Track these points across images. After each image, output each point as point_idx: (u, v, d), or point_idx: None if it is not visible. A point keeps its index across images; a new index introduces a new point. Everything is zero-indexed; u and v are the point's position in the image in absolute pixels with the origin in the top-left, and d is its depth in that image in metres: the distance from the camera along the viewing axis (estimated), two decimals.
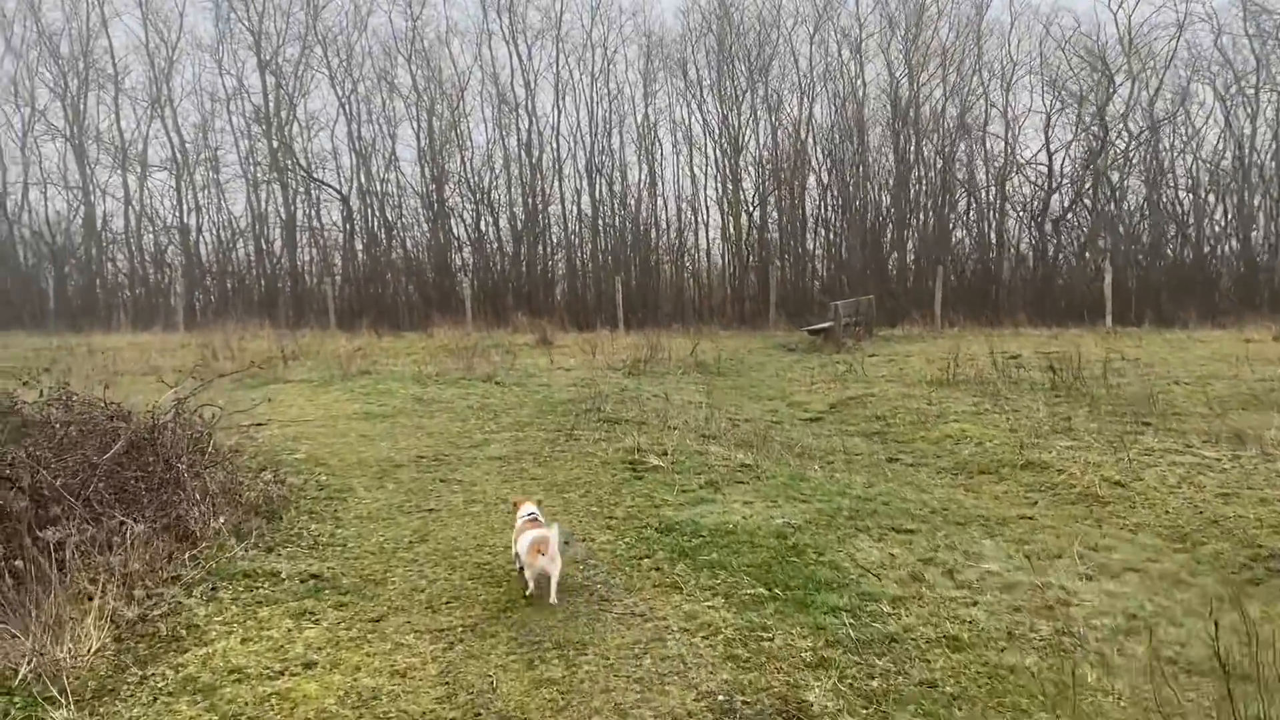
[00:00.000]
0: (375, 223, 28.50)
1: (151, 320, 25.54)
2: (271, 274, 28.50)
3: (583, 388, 12.20)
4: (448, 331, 22.61)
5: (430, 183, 28.39)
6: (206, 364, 15.90)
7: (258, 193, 28.59)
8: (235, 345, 19.00)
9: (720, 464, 7.67)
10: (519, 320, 24.00)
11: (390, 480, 7.24)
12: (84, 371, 15.47)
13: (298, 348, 18.58)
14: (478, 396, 11.22)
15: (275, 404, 10.82)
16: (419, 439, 8.76)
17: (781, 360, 16.66)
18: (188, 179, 28.43)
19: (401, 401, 10.85)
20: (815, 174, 27.63)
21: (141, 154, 28.42)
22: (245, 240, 29.23)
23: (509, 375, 13.19)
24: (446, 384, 12.21)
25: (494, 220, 28.59)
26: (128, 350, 18.95)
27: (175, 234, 28.51)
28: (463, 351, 18.76)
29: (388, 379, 12.65)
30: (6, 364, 15.95)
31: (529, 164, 28.33)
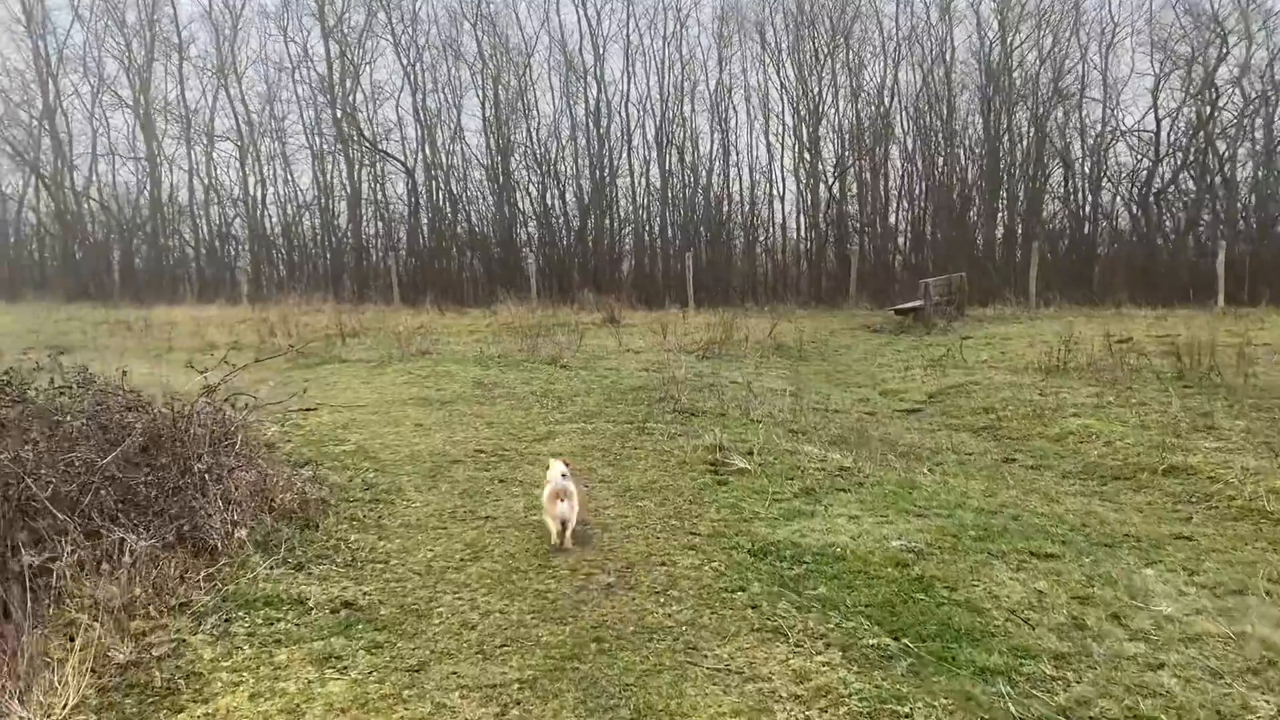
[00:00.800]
0: (440, 196, 27.99)
1: (216, 293, 25.45)
2: (336, 248, 28.23)
3: (654, 372, 11.34)
4: (512, 308, 21.95)
5: (495, 154, 27.73)
6: (263, 340, 15.49)
7: (323, 165, 28.30)
8: (295, 321, 18.62)
9: (815, 467, 6.73)
10: (585, 297, 23.23)
11: (444, 479, 6.49)
12: (132, 348, 15.19)
13: (358, 324, 18.11)
14: (542, 381, 10.44)
15: (329, 386, 10.21)
16: (478, 429, 8.01)
17: (868, 342, 15.56)
18: (253, 150, 28.26)
19: (461, 386, 10.12)
20: (899, 143, 26.19)
21: (207, 125, 28.35)
22: (311, 214, 29.03)
23: (575, 358, 12.40)
24: (509, 367, 11.46)
25: (560, 193, 27.84)
26: (186, 324, 18.71)
27: (241, 206, 28.41)
28: (527, 330, 18.07)
29: (448, 360, 11.96)
30: (62, 337, 15.80)
31: (597, 134, 27.45)
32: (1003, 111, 25.63)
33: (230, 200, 28.89)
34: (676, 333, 15.12)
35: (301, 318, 20.04)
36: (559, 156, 27.82)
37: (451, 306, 22.82)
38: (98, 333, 16.45)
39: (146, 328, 16.18)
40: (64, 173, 27.11)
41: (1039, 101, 25.52)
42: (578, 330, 17.85)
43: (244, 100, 28.30)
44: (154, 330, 16.37)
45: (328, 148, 28.07)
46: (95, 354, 14.74)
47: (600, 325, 18.92)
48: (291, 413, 8.59)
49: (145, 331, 15.84)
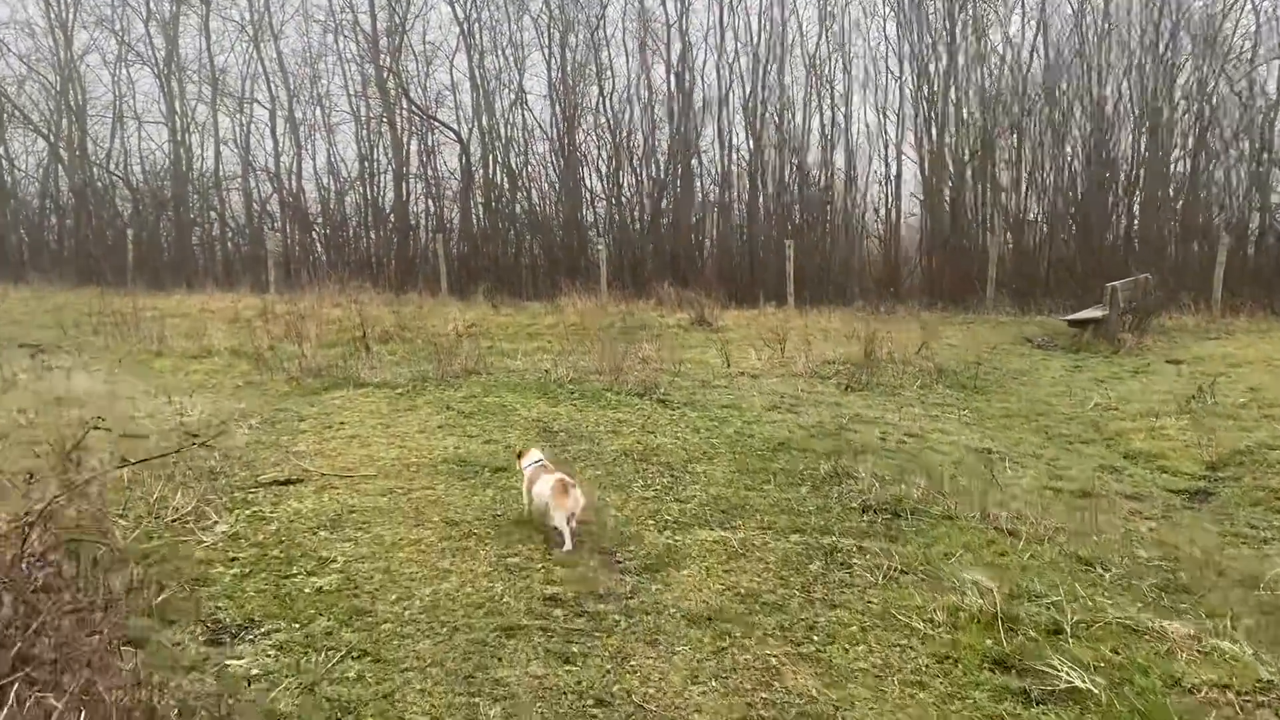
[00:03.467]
0: (496, 171, 25.11)
1: (243, 277, 22.95)
2: (380, 228, 25.56)
3: (791, 412, 8.24)
4: (579, 303, 18.98)
5: (561, 124, 24.75)
6: (274, 344, 12.73)
7: (367, 135, 25.63)
8: (322, 317, 15.87)
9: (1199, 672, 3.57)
10: (663, 291, 20.14)
11: (492, 689, 3.47)
12: (114, 349, 12.54)
13: (396, 321, 15.28)
14: (635, 429, 7.40)
15: (332, 429, 7.31)
16: (548, 538, 5.00)
17: (1047, 365, 12.21)
18: (289, 118, 25.70)
19: (520, 434, 7.14)
20: (1042, 116, 22.49)
21: (240, 89, 25.85)
22: (354, 189, 26.41)
23: (673, 383, 9.34)
24: (585, 399, 8.45)
25: (634, 169, 24.75)
26: (195, 317, 16.09)
27: (274, 180, 25.89)
28: (600, 333, 15.07)
29: (502, 386, 9.00)
30: (42, 331, 13.30)
31: (678, 100, 24.28)
32: (1175, 78, 21.83)
33: (266, 174, 26.42)
34: (798, 346, 11.93)
35: (331, 311, 17.34)
36: (634, 126, 24.74)
37: (508, 299, 19.94)
38: (84, 327, 13.88)
39: (138, 323, 13.54)
40: (80, 140, 24.89)
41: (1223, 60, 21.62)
42: (662, 334, 14.83)
43: (280, 62, 25.77)
44: (151, 325, 13.74)
45: (372, 114, 25.38)
46: (67, 355, 12.17)
47: (688, 328, 15.85)
48: (260, 486, 5.69)
49: (138, 327, 13.22)
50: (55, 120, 25.46)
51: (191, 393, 9.28)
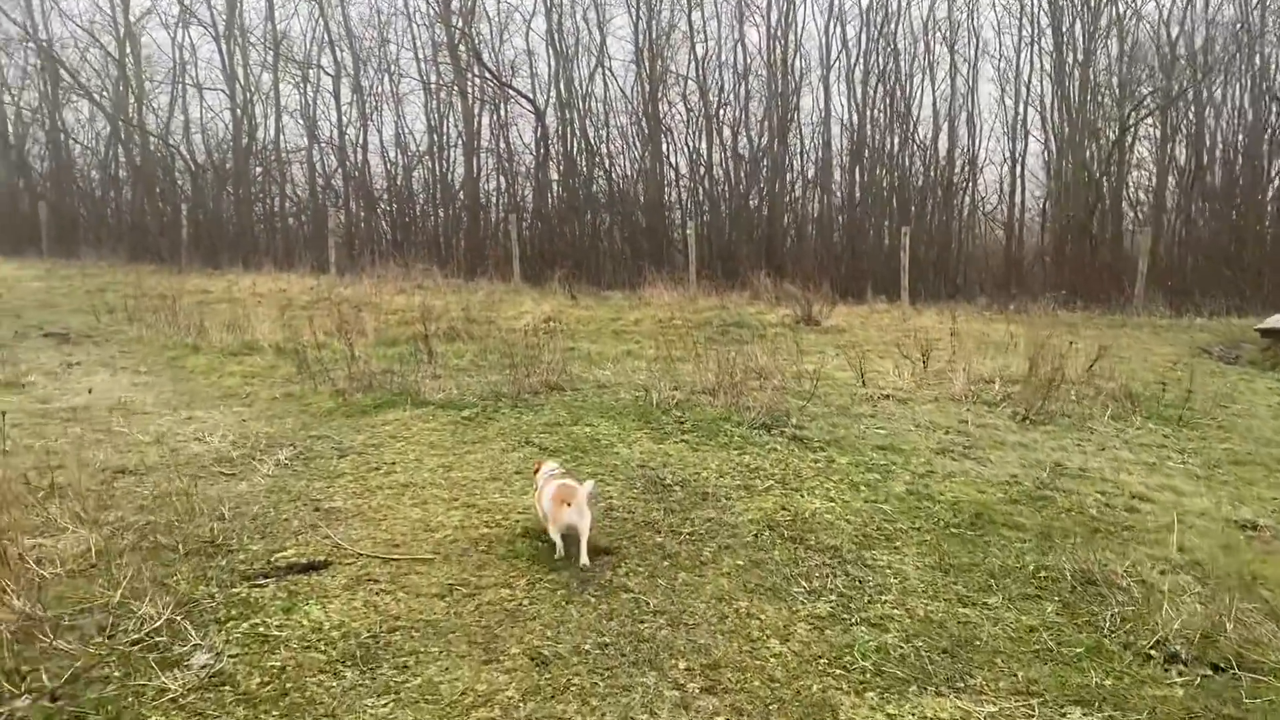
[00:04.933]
0: (574, 145, 23.49)
1: (304, 256, 21.74)
2: (448, 206, 24.17)
3: (970, 459, 6.42)
4: (664, 294, 17.28)
5: (645, 94, 22.98)
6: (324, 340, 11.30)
7: (436, 105, 24.22)
8: (383, 305, 14.46)
9: None
10: (759, 282, 18.31)
11: None
12: (146, 341, 11.22)
13: (463, 313, 13.77)
14: (774, 484, 5.66)
15: (378, 473, 5.74)
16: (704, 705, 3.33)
17: (1251, 386, 10.13)
18: (355, 86, 24.42)
19: (622, 489, 5.48)
20: (1206, 88, 19.98)
21: (305, 55, 24.63)
22: (421, 164, 25.06)
23: (805, 410, 7.56)
24: (699, 433, 6.74)
25: (724, 144, 22.89)
26: (244, 302, 14.80)
27: (339, 152, 24.66)
28: (695, 331, 13.36)
29: (592, 410, 7.35)
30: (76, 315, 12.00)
31: (778, 67, 22.32)
32: None
33: (330, 146, 25.19)
34: (946, 357, 10.03)
35: (394, 298, 15.92)
36: (726, 97, 22.86)
37: (586, 288, 18.31)
38: (120, 313, 12.64)
39: (179, 310, 12.22)
40: (139, 110, 23.96)
41: None
42: (765, 335, 13.06)
43: (347, 26, 24.46)
44: (194, 313, 12.43)
45: (442, 82, 23.95)
46: (95, 347, 10.91)
47: (794, 328, 14.03)
48: (271, 572, 4.12)
49: (177, 315, 11.91)
50: (116, 90, 24.58)
51: (219, 403, 7.84)
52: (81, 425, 6.89)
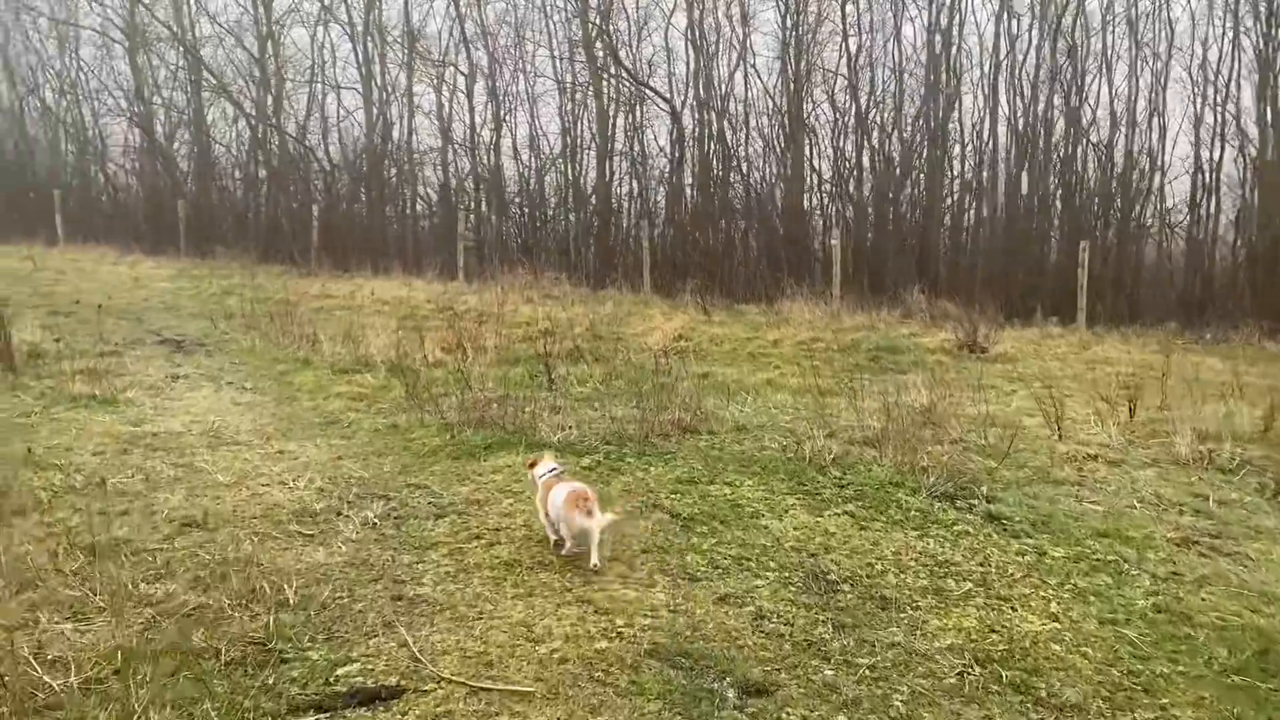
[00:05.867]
0: (711, 147, 22.43)
1: (432, 260, 21.45)
2: (580, 211, 23.47)
3: (1224, 555, 5.03)
4: (804, 310, 16.04)
5: (789, 93, 21.72)
6: (439, 356, 10.60)
7: (571, 107, 23.58)
8: (505, 317, 13.74)
9: None
10: (911, 299, 16.82)
11: None
12: (259, 352, 10.74)
13: (590, 328, 12.92)
14: (972, 587, 4.44)
15: (477, 550, 4.82)
16: None
17: None
18: (490, 87, 24.03)
19: (774, 585, 4.38)
20: None
21: (441, 54, 24.42)
22: (554, 167, 24.47)
23: (995, 473, 6.25)
24: (865, 503, 5.56)
25: (874, 146, 21.39)
26: (365, 307, 14.35)
27: (472, 154, 24.33)
28: (842, 356, 12.11)
29: (731, 463, 6.27)
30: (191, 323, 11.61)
31: (937, 63, 20.70)
32: None
33: (464, 148, 24.89)
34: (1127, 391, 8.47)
35: (520, 308, 15.24)
36: (878, 96, 21.36)
37: (720, 301, 17.20)
38: (238, 320, 12.29)
39: (296, 319, 11.75)
40: (277, 110, 24.22)
41: None
42: (922, 363, 11.68)
43: (483, 26, 24.10)
44: (311, 321, 11.96)
45: (578, 82, 23.30)
46: (206, 357, 10.49)
47: (956, 354, 12.61)
48: (327, 709, 3.18)
49: (294, 325, 11.44)
50: (256, 90, 24.96)
51: (317, 433, 7.11)
52: (163, 457, 6.25)
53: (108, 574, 4.27)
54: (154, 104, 25.15)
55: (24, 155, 26.01)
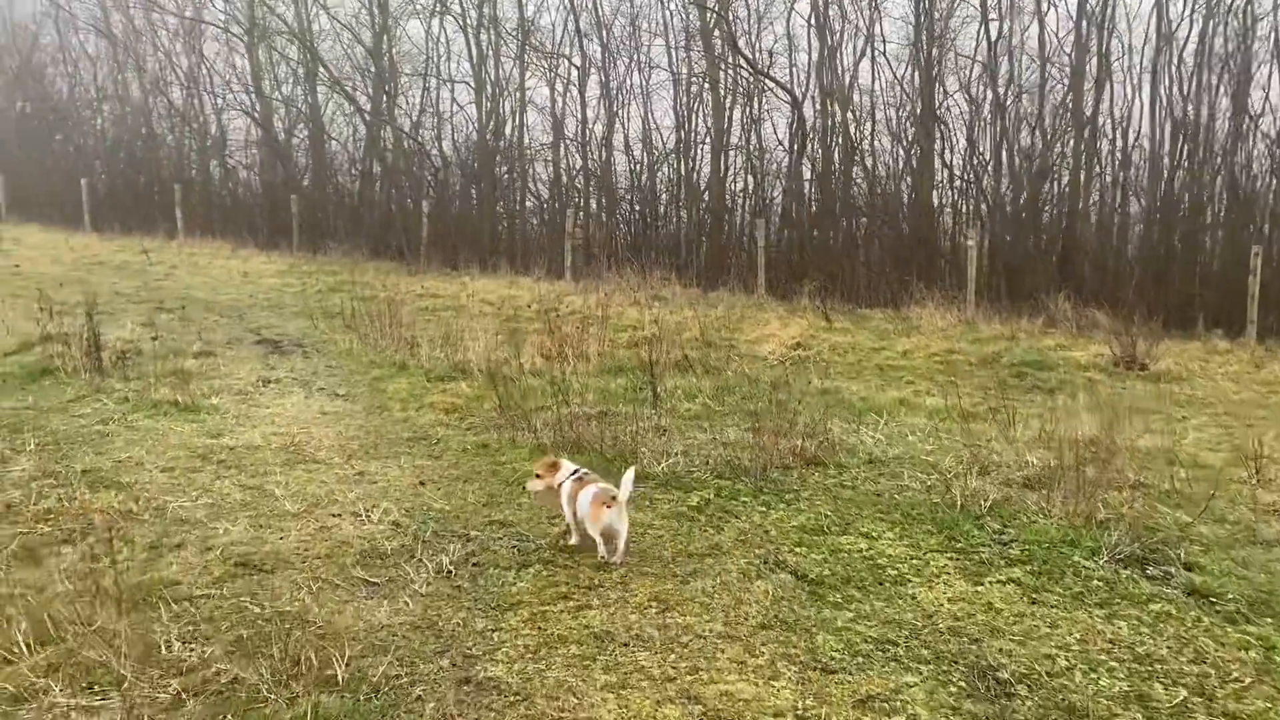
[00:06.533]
0: (833, 141, 21.29)
1: (540, 257, 21.02)
2: (692, 208, 22.67)
3: None
4: (935, 316, 14.86)
5: (920, 83, 20.42)
6: (553, 359, 9.99)
7: (686, 99, 22.79)
8: (612, 315, 13.07)
9: None
10: (1055, 306, 15.41)
11: None
12: (357, 354, 10.31)
13: (700, 334, 12.13)
14: (1195, 701, 3.48)
15: (564, 617, 4.13)
16: None
17: None
18: (603, 80, 23.45)
19: (928, 685, 3.52)
20: None
21: (554, 47, 23.96)
22: (666, 162, 23.73)
23: (1189, 530, 5.19)
24: (1036, 569, 4.61)
25: (1013, 139, 19.89)
26: (470, 310, 13.86)
27: (582, 150, 23.80)
28: (982, 370, 11.00)
29: (865, 507, 5.39)
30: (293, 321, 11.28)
31: (1086, 45, 19.09)
32: None
33: (575, 143, 24.40)
34: None
35: (627, 310, 14.55)
36: (1020, 86, 19.83)
37: (840, 305, 16.15)
38: (338, 320, 11.96)
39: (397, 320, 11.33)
40: (390, 105, 24.16)
41: None
42: (1073, 380, 10.48)
43: (598, 16, 23.52)
44: (412, 323, 11.53)
45: (694, 73, 22.48)
46: (302, 359, 10.12)
47: (1110, 371, 11.34)
48: None
49: (395, 326, 11.02)
50: (371, 85, 25.02)
51: (402, 451, 6.53)
52: (234, 477, 5.76)
53: (142, 627, 3.72)
54: (274, 100, 25.49)
55: (149, 150, 26.77)
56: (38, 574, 4.31)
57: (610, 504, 4.44)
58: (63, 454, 6.09)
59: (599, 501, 4.48)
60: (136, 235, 21.70)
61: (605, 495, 4.49)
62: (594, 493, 4.54)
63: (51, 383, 7.93)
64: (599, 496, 4.50)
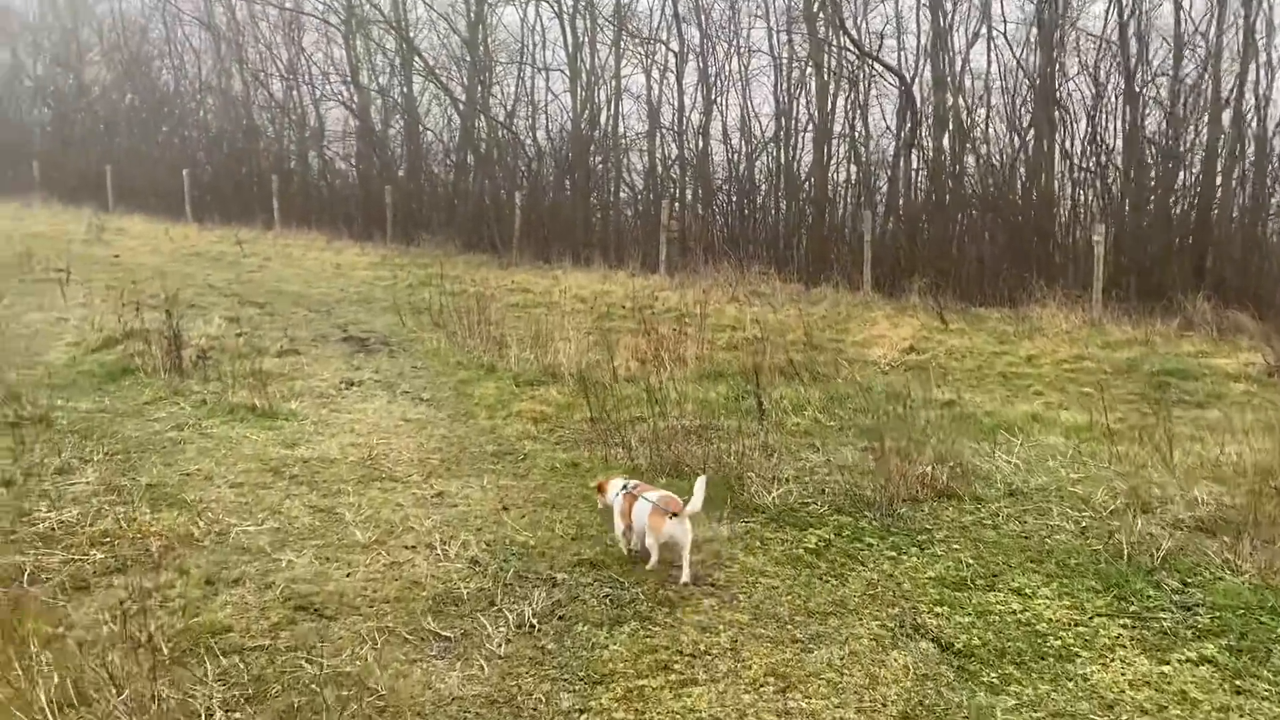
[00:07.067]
0: (944, 128, 20.15)
1: (634, 251, 20.47)
2: (793, 199, 21.80)
3: None
4: (1058, 317, 13.74)
5: (1039, 65, 19.13)
6: (647, 363, 9.42)
7: (787, 85, 21.91)
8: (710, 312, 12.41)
9: None
10: (1194, 309, 14.12)
11: None
12: (442, 353, 9.88)
13: (804, 335, 11.40)
14: None
15: (658, 692, 3.54)
16: None
17: None
18: (701, 66, 22.73)
19: None
20: None
21: (650, 31, 23.34)
22: (766, 151, 22.88)
23: None
24: (1230, 645, 3.81)
25: (1144, 126, 18.45)
26: (562, 307, 13.34)
27: (679, 138, 23.13)
28: (1118, 380, 9.99)
29: (1012, 552, 4.65)
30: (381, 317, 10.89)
31: (1227, 22, 17.56)
32: None
33: (671, 132, 23.74)
34: None
35: (725, 308, 13.87)
36: (1153, 69, 18.39)
37: (954, 303, 15.13)
38: (426, 317, 11.57)
39: (487, 317, 10.88)
40: (484, 95, 23.88)
41: None
42: (1230, 397, 9.40)
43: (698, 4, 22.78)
44: (502, 320, 11.08)
45: (796, 57, 21.58)
46: (388, 358, 9.75)
47: (1264, 382, 10.17)
48: None
49: (484, 324, 10.58)
50: (465, 74, 24.81)
51: (487, 468, 6.02)
52: (305, 496, 5.33)
53: (181, 690, 3.25)
54: (370, 90, 25.51)
55: (250, 141, 27.11)
56: (82, 611, 3.91)
57: (673, 515, 4.17)
58: (130, 464, 5.76)
59: (660, 512, 4.22)
60: (235, 226, 21.91)
61: (668, 505, 4.21)
62: (654, 501, 4.27)
63: (130, 383, 7.69)
64: (660, 506, 4.23)
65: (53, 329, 9.71)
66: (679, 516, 4.16)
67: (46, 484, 5.32)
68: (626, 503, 4.47)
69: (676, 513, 4.17)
